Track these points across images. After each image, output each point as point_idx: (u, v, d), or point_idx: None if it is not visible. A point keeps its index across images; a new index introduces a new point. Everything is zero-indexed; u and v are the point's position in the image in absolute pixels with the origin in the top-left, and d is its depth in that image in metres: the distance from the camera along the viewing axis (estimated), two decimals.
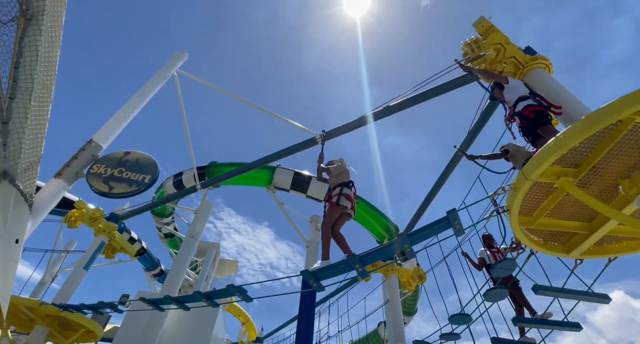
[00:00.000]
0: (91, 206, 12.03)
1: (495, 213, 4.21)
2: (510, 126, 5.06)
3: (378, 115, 7.87)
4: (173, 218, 15.76)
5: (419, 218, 9.86)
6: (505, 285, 6.34)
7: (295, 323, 12.29)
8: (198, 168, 13.45)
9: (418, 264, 11.92)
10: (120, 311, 6.91)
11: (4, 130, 4.02)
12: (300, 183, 13.12)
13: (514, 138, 5.03)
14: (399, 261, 11.32)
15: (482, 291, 5.73)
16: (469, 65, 5.99)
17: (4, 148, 4.02)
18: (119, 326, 12.75)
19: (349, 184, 5.51)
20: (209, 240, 24.91)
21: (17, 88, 4.04)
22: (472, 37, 6.15)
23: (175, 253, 14.82)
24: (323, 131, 8.22)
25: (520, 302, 6.88)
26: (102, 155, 7.67)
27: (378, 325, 16.45)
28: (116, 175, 7.82)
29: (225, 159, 13.47)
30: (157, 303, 6.21)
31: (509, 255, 5.31)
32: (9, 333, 9.97)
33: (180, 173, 14.11)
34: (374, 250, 4.57)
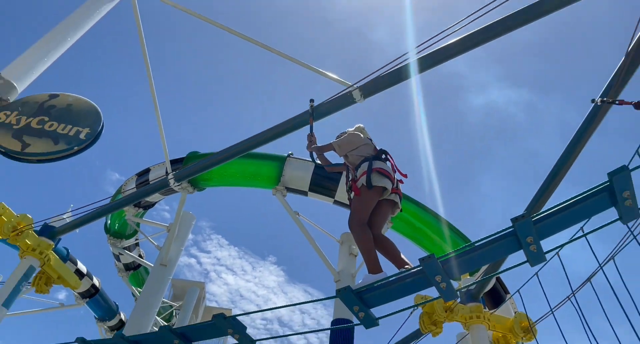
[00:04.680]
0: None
1: None
2: None
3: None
4: (137, 239, 11.25)
5: (545, 202, 5.55)
6: None
7: None
8: (172, 162, 9.29)
9: (525, 313, 5.98)
10: None
11: None
12: (324, 182, 9.03)
13: None
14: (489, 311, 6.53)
15: None
16: None
17: None
18: None
19: (379, 156, 3.83)
20: (190, 279, 19.58)
21: None
22: None
23: (140, 293, 10.38)
24: (312, 100, 4.79)
25: None
26: (16, 100, 5.88)
27: None
28: (35, 127, 5.77)
29: (213, 148, 9.26)
30: None
31: None
32: None
33: (147, 171, 9.84)
34: (468, 249, 2.76)
